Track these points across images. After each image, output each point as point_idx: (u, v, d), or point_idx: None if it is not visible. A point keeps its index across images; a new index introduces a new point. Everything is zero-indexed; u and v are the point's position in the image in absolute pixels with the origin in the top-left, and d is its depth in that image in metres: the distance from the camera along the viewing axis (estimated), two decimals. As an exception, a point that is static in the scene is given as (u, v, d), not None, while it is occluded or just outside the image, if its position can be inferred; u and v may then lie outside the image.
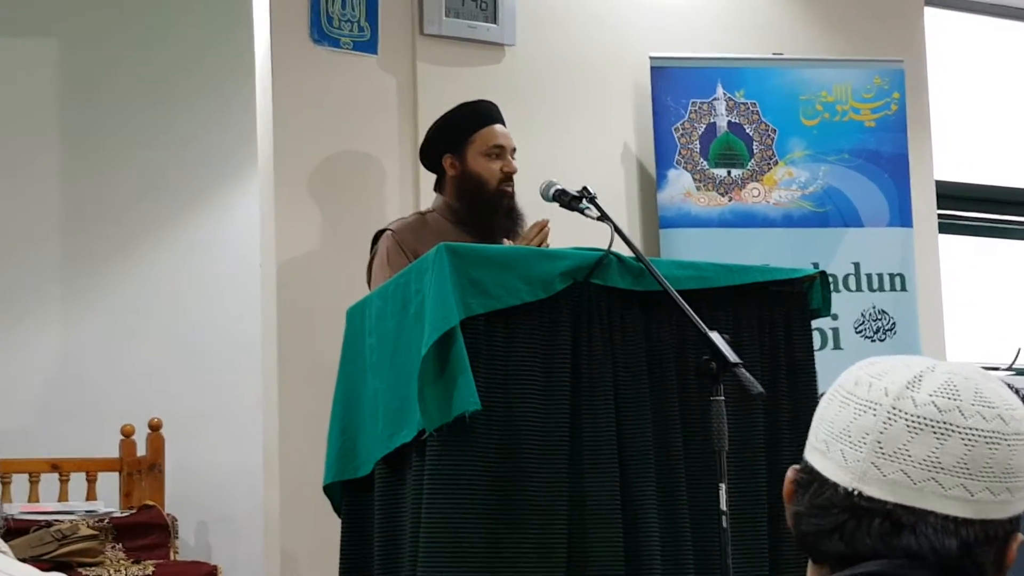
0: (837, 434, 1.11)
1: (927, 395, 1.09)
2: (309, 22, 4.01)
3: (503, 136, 3.44)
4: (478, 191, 3.40)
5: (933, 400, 1.09)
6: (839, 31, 4.85)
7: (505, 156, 3.42)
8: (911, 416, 1.08)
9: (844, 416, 1.11)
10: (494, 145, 3.42)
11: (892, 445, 1.08)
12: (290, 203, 3.93)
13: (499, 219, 3.38)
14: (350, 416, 2.97)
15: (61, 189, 5.00)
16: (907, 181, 4.53)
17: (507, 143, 3.44)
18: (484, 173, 3.40)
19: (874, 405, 1.10)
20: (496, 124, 3.46)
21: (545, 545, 2.61)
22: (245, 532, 4.48)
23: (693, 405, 2.82)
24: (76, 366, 4.88)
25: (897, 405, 1.09)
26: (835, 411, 1.12)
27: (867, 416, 1.10)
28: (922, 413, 1.09)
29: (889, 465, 1.08)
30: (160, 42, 5.06)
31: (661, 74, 4.38)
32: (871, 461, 1.08)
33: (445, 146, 3.46)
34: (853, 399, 1.11)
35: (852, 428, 1.10)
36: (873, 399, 1.10)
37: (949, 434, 1.08)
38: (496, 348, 2.65)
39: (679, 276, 2.85)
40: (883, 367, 1.13)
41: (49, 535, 3.54)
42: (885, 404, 1.09)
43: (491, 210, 3.39)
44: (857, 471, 1.09)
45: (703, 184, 4.36)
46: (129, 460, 4.25)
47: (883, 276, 4.43)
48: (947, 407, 1.09)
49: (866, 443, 1.09)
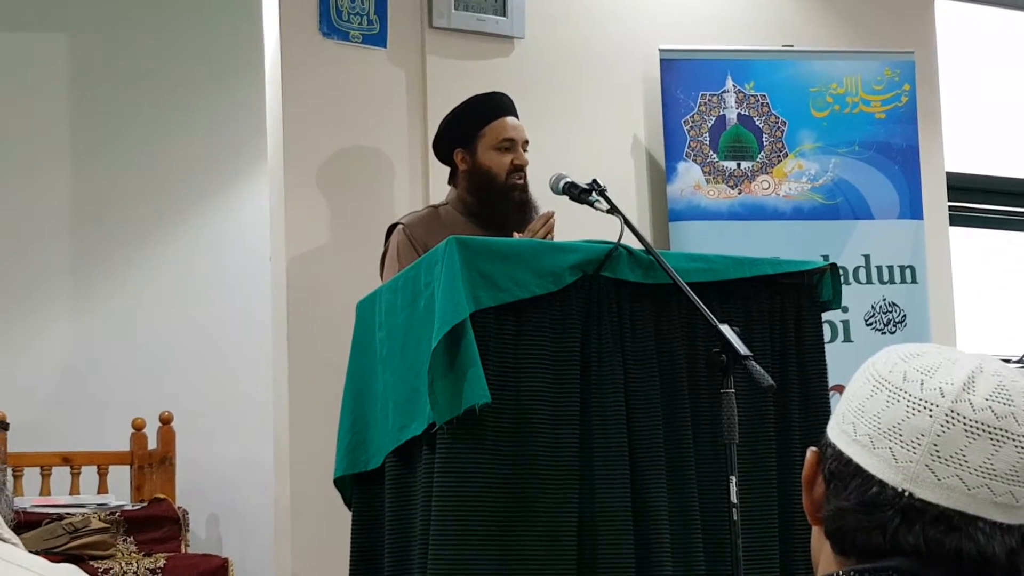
0: (886, 431, 1.09)
1: (983, 399, 1.08)
2: (318, 16, 4.01)
3: (514, 129, 3.44)
4: (488, 185, 3.40)
5: (990, 405, 1.08)
6: (849, 23, 4.84)
7: (516, 149, 3.41)
8: (969, 421, 1.07)
9: (894, 413, 1.09)
10: (504, 139, 3.41)
11: (949, 449, 1.07)
12: (299, 197, 3.94)
13: (510, 212, 3.38)
14: (360, 409, 2.97)
15: (71, 184, 5.01)
16: (918, 173, 4.52)
17: (518, 136, 3.43)
18: (494, 167, 3.40)
19: (930, 406, 1.08)
20: (507, 117, 3.45)
21: (555, 537, 2.61)
22: (256, 525, 4.49)
23: (703, 398, 2.82)
24: (87, 360, 4.89)
25: (956, 408, 1.07)
26: (881, 406, 1.10)
27: (922, 417, 1.08)
28: (980, 419, 1.07)
29: (944, 469, 1.07)
30: (169, 37, 5.06)
31: (671, 66, 4.37)
32: (925, 463, 1.07)
33: (456, 140, 3.46)
34: (905, 396, 1.09)
35: (904, 427, 1.08)
36: (928, 399, 1.08)
37: (1004, 441, 1.08)
38: (506, 341, 2.65)
39: (689, 269, 2.84)
40: (929, 362, 1.11)
41: (61, 528, 3.55)
42: (943, 406, 1.07)
43: (502, 203, 3.39)
44: (909, 472, 1.07)
45: (713, 177, 4.35)
46: (140, 453, 4.25)
47: (893, 268, 4.42)
48: (1004, 413, 1.08)
49: (921, 444, 1.07)
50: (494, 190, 3.39)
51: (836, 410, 1.19)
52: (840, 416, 1.15)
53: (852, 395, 1.15)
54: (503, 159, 3.40)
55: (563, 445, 2.64)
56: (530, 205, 3.42)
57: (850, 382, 1.18)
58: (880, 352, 1.18)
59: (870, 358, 1.18)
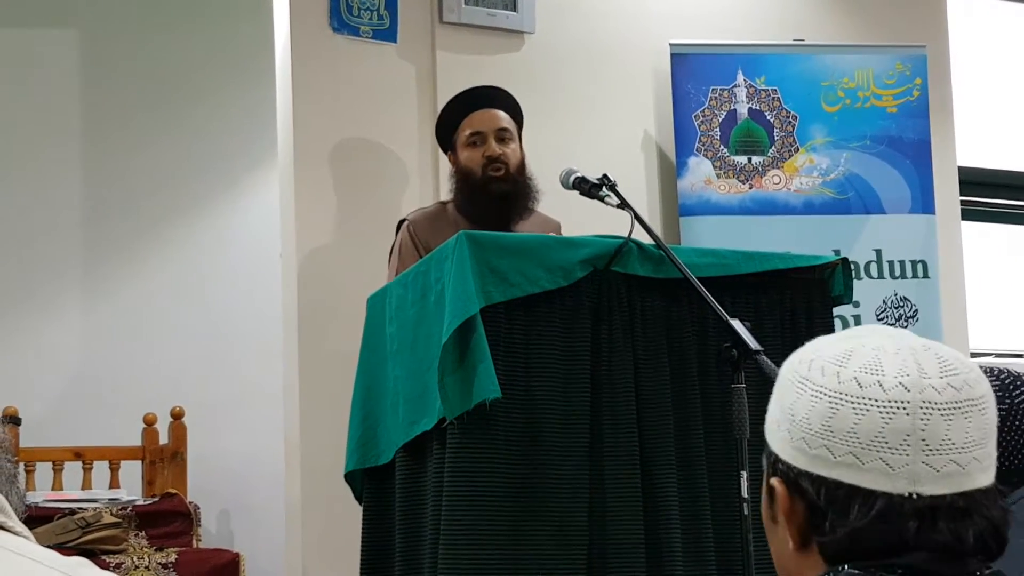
0: (868, 444, 1.07)
1: (939, 379, 1.08)
2: (328, 11, 4.01)
3: (481, 121, 3.38)
4: (466, 183, 3.37)
5: (948, 382, 1.08)
6: (860, 16, 4.82)
7: (487, 140, 3.36)
8: (941, 404, 1.07)
9: (870, 423, 1.07)
10: (471, 133, 3.38)
11: (936, 439, 1.07)
12: (310, 192, 3.94)
13: (491, 206, 3.32)
14: (371, 404, 2.97)
15: (82, 179, 5.02)
16: (929, 167, 4.50)
17: (487, 127, 3.38)
18: (469, 163, 3.37)
19: (902, 404, 1.07)
20: (477, 110, 3.40)
21: (566, 532, 2.61)
22: (267, 520, 4.49)
23: (714, 393, 2.81)
24: (98, 355, 4.90)
25: (924, 398, 1.07)
26: (851, 420, 1.08)
27: (899, 417, 1.07)
28: (947, 399, 1.08)
29: (939, 459, 1.07)
30: (180, 32, 5.07)
31: (681, 61, 4.36)
32: (921, 461, 1.06)
33: (443, 144, 3.52)
34: (872, 403, 1.07)
35: (887, 434, 1.07)
36: (897, 399, 1.07)
37: (971, 409, 1.08)
38: (516, 336, 2.64)
39: (699, 263, 2.84)
40: (867, 359, 1.09)
41: (73, 523, 3.56)
42: (914, 401, 1.07)
43: (482, 199, 3.34)
44: (908, 475, 1.06)
45: (723, 171, 4.34)
46: (151, 448, 4.26)
47: (905, 263, 4.41)
48: (959, 384, 1.08)
49: (910, 444, 1.06)
50: (473, 187, 3.35)
51: (776, 436, 1.14)
52: (799, 442, 1.11)
53: (802, 417, 1.11)
54: (474, 154, 3.36)
55: (573, 440, 2.64)
56: (518, 196, 3.34)
57: (782, 402, 1.14)
58: (797, 363, 1.14)
59: (791, 371, 1.14)
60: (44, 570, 1.12)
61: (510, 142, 3.39)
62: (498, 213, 3.30)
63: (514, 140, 3.41)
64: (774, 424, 1.16)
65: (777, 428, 1.15)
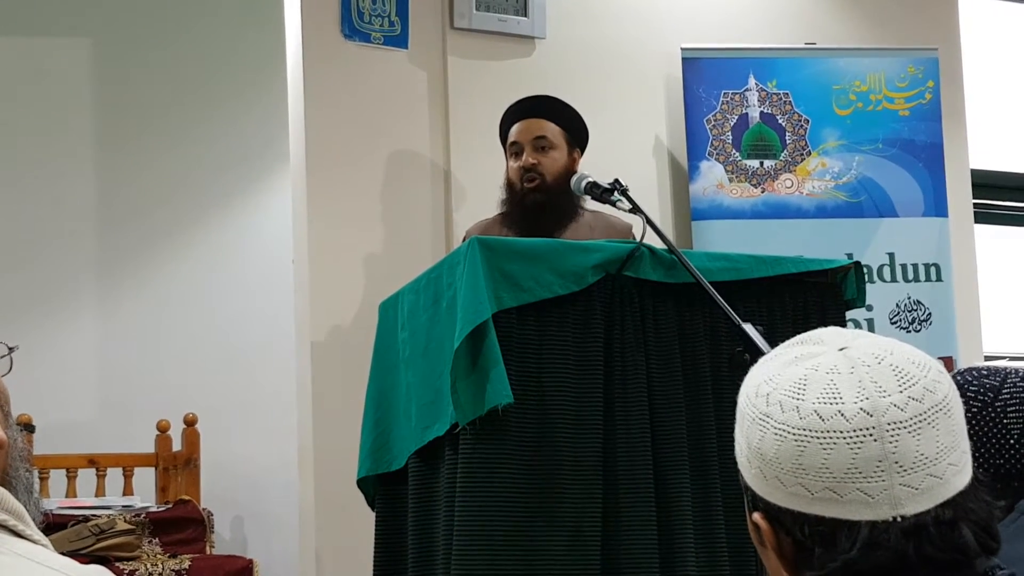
0: (842, 477, 1.05)
1: (899, 395, 1.07)
2: (340, 17, 4.02)
3: (519, 131, 3.44)
4: (510, 194, 3.44)
5: (908, 396, 1.07)
6: (872, 19, 4.81)
7: (522, 152, 3.41)
8: (905, 422, 1.06)
9: (839, 457, 1.05)
10: (511, 144, 3.46)
11: (908, 459, 1.05)
12: (322, 198, 3.94)
13: (526, 217, 3.36)
14: (383, 410, 2.98)
15: (96, 186, 5.04)
16: (942, 170, 4.49)
17: (523, 137, 3.42)
18: (511, 176, 3.46)
19: (868, 431, 1.05)
20: (517, 122, 3.45)
21: (579, 537, 2.60)
22: (280, 526, 4.50)
23: (726, 397, 2.81)
24: (112, 362, 4.91)
25: (889, 419, 1.06)
26: (820, 457, 1.06)
27: (868, 445, 1.05)
28: (912, 413, 1.06)
29: (915, 477, 1.05)
30: (192, 40, 5.08)
31: (693, 65, 4.36)
32: (898, 484, 1.05)
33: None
34: (837, 436, 1.06)
35: (859, 463, 1.05)
36: (862, 427, 1.05)
37: (935, 418, 1.07)
38: (528, 341, 2.64)
39: (712, 268, 2.84)
40: (822, 386, 1.07)
41: (87, 530, 3.57)
42: (879, 425, 1.05)
43: (518, 210, 3.39)
44: (889, 499, 1.05)
45: (736, 175, 4.34)
46: (165, 455, 4.27)
47: (918, 266, 4.40)
48: (919, 394, 1.07)
49: (884, 470, 1.05)
50: (513, 199, 3.43)
51: (750, 473, 1.13)
52: (773, 480, 1.10)
53: (772, 456, 1.09)
54: (514, 165, 3.43)
55: (586, 445, 2.64)
56: (554, 206, 3.35)
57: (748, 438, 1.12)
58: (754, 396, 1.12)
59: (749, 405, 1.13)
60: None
61: (550, 150, 3.40)
62: (535, 223, 3.32)
63: (556, 148, 3.41)
64: (745, 460, 1.15)
65: (749, 465, 1.14)
